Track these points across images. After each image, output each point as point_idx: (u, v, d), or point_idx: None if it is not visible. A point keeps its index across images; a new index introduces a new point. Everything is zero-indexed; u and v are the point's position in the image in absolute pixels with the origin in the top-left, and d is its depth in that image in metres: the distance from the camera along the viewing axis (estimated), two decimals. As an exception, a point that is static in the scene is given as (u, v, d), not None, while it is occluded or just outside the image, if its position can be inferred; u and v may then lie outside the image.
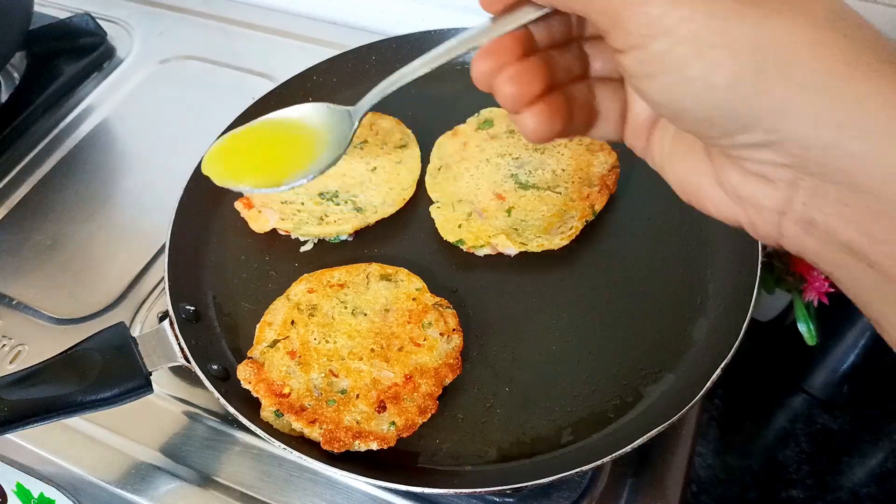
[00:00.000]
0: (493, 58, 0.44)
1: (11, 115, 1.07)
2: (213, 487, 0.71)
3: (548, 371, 0.72)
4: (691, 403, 0.63)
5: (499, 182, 0.84)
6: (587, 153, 0.86)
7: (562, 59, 0.46)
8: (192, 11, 1.26)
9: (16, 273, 0.90)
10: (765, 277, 0.77)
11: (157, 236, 0.90)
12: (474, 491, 0.64)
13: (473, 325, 0.75)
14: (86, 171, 1.01)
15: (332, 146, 0.62)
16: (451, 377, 0.70)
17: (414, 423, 0.66)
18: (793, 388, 0.94)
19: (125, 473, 0.72)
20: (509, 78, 0.44)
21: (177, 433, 0.75)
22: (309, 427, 0.66)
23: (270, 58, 1.14)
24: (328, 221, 0.82)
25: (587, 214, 0.81)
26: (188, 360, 0.68)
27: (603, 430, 0.67)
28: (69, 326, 0.84)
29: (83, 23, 1.18)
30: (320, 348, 0.71)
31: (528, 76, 0.44)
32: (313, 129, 0.63)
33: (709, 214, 0.46)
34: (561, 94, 0.45)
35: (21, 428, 0.63)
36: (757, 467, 0.89)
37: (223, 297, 0.79)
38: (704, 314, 0.74)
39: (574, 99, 0.46)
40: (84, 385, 0.64)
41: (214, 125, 0.89)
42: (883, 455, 0.89)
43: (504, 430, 0.68)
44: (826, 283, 0.82)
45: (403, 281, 0.76)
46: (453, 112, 0.93)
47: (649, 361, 0.71)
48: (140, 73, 1.15)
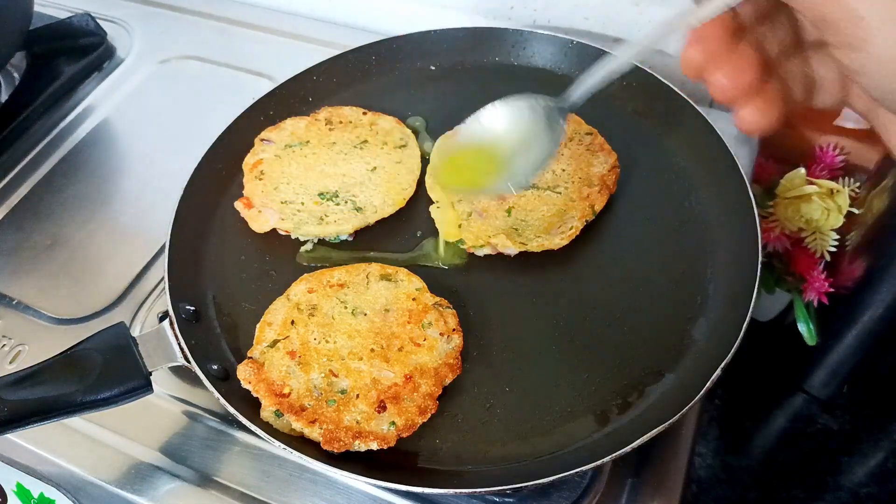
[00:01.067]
0: (703, 46, 0.43)
1: (11, 115, 1.07)
2: (213, 487, 0.71)
3: (548, 371, 0.72)
4: (691, 403, 0.63)
5: (499, 182, 0.84)
6: (587, 153, 0.86)
7: (772, 33, 0.44)
8: (192, 11, 1.26)
9: (16, 273, 0.90)
10: (765, 277, 0.77)
11: (157, 236, 0.90)
12: (474, 491, 0.64)
13: (473, 325, 0.75)
14: (86, 171, 1.01)
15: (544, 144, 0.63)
16: (451, 377, 0.70)
17: (414, 423, 0.66)
18: (793, 388, 0.93)
19: (125, 473, 0.72)
20: (722, 72, 0.42)
21: (177, 433, 0.75)
22: (309, 427, 0.66)
23: (270, 58, 1.14)
24: (328, 221, 0.82)
25: (587, 214, 0.81)
26: (188, 360, 0.68)
27: (603, 430, 0.67)
28: (69, 326, 0.84)
29: (83, 23, 1.18)
30: (320, 348, 0.71)
31: (740, 67, 0.42)
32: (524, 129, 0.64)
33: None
34: (776, 79, 0.44)
35: (21, 428, 0.63)
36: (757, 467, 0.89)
37: (223, 297, 0.79)
38: (704, 314, 0.74)
39: (790, 75, 0.45)
40: (84, 385, 0.64)
41: (214, 125, 0.89)
42: (883, 455, 0.89)
43: (504, 430, 0.68)
44: (826, 283, 0.82)
45: (403, 281, 0.76)
46: (454, 112, 0.93)
47: (649, 361, 0.71)
48: (140, 73, 1.15)
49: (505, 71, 1.00)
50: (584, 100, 0.58)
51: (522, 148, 0.64)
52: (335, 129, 0.92)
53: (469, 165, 0.67)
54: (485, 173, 0.66)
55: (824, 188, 0.85)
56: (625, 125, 0.90)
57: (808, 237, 0.86)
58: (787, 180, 0.88)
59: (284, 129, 0.92)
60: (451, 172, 0.69)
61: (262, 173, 0.87)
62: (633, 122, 0.91)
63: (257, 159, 0.89)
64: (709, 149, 0.83)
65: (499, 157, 0.65)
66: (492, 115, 0.64)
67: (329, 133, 0.91)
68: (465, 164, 0.67)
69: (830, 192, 0.85)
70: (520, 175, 0.65)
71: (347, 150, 0.90)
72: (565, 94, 0.59)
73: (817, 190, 0.85)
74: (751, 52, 0.43)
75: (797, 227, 0.87)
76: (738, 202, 0.78)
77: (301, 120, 0.93)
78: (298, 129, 0.92)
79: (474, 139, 0.65)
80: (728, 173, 0.80)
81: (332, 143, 0.90)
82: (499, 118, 0.64)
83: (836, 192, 0.84)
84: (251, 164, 0.88)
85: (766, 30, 0.44)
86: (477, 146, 0.65)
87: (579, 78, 0.56)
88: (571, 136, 0.88)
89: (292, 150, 0.89)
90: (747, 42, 0.43)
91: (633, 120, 0.91)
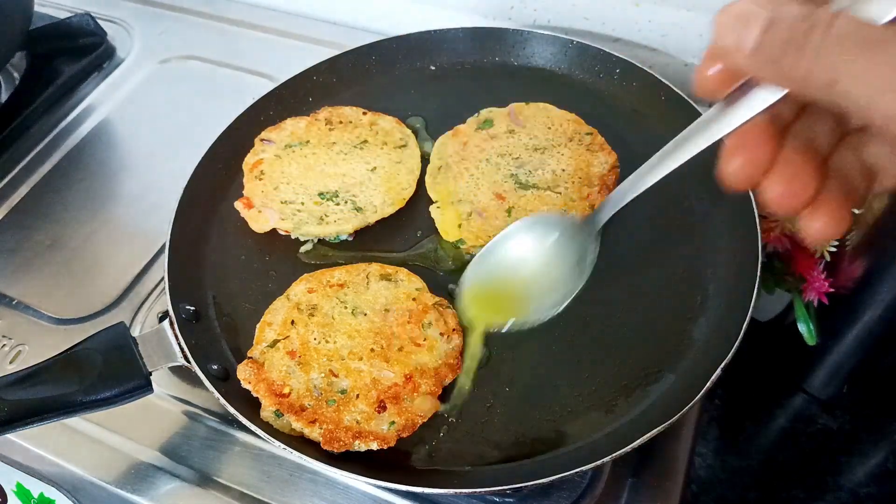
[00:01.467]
0: (743, 154, 0.38)
1: (11, 115, 1.07)
2: (213, 487, 0.71)
3: (548, 371, 0.72)
4: (691, 403, 0.63)
5: (499, 182, 0.84)
6: (587, 153, 0.86)
7: (818, 124, 0.40)
8: (192, 11, 1.25)
9: (16, 273, 0.90)
10: (765, 277, 0.77)
11: (157, 236, 0.90)
12: (474, 491, 0.64)
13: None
14: (86, 172, 1.01)
15: (577, 266, 0.62)
16: (451, 377, 0.70)
17: (414, 423, 0.66)
18: (793, 388, 0.93)
19: (125, 473, 0.72)
20: (778, 184, 0.37)
21: (177, 433, 0.75)
22: (309, 427, 0.66)
23: (270, 58, 1.14)
24: (328, 221, 0.82)
25: (587, 214, 0.81)
26: (188, 360, 0.68)
27: (603, 430, 0.67)
28: (69, 326, 0.84)
29: (83, 23, 1.18)
30: (320, 348, 0.71)
31: (796, 174, 0.37)
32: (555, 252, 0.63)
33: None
34: (835, 176, 0.39)
35: (21, 428, 0.63)
36: (757, 467, 0.89)
37: (223, 297, 0.79)
38: (704, 314, 0.74)
39: (847, 167, 0.40)
40: (84, 385, 0.64)
41: (214, 125, 0.89)
42: (883, 455, 0.89)
43: (504, 430, 0.68)
44: (826, 283, 0.82)
45: (403, 281, 0.76)
46: (454, 112, 0.93)
47: (649, 361, 0.71)
48: (140, 73, 1.15)
49: (505, 71, 1.00)
50: (607, 218, 0.59)
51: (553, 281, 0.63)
52: (335, 129, 0.92)
53: (499, 297, 0.67)
54: (515, 305, 0.65)
55: (824, 188, 0.85)
56: (625, 125, 0.90)
57: (808, 237, 0.86)
58: (787, 180, 0.88)
59: (284, 129, 0.92)
60: (481, 307, 0.69)
61: (262, 173, 0.87)
62: (633, 122, 0.91)
63: (257, 159, 0.89)
64: (709, 149, 0.83)
65: (530, 291, 0.65)
66: (521, 244, 0.64)
67: (329, 133, 0.91)
68: (494, 297, 0.67)
69: (830, 192, 0.85)
70: (550, 305, 0.64)
71: (347, 150, 0.90)
72: (596, 216, 0.59)
73: (817, 190, 0.85)
74: (801, 154, 0.38)
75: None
76: (738, 202, 0.78)
77: (301, 120, 0.93)
78: (298, 129, 0.92)
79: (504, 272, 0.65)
80: (728, 173, 0.80)
81: (332, 143, 0.90)
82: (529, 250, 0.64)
83: (836, 192, 0.84)
84: (251, 164, 0.88)
85: (812, 121, 0.40)
86: (506, 280, 0.65)
87: (608, 199, 0.56)
88: (571, 136, 0.88)
89: (292, 150, 0.89)
90: (795, 143, 0.38)
91: (633, 120, 0.91)
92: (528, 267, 0.65)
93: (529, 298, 0.64)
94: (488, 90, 0.96)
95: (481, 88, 0.97)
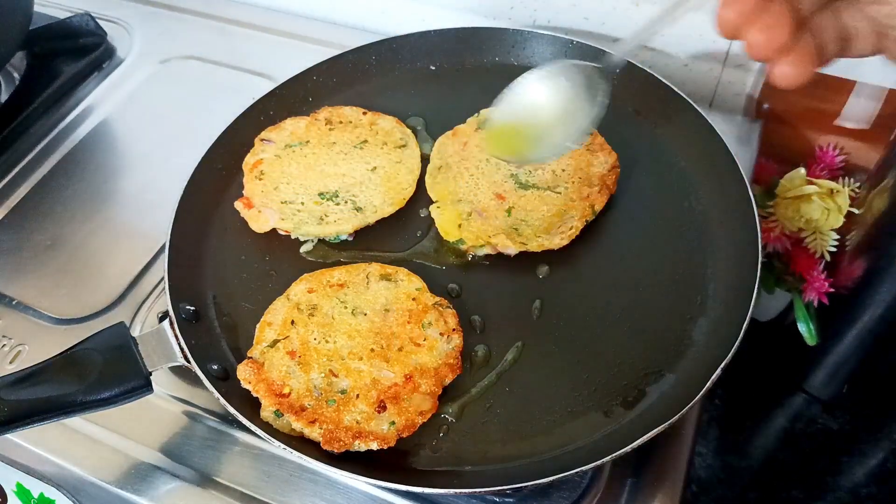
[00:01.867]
0: (736, 6, 0.44)
1: (11, 115, 1.07)
2: (213, 487, 0.71)
3: (548, 371, 0.72)
4: (691, 403, 0.63)
5: (499, 182, 0.84)
6: (587, 153, 0.86)
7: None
8: (192, 11, 1.25)
9: (16, 273, 0.90)
10: (765, 277, 0.77)
11: (157, 236, 0.90)
12: (474, 491, 0.64)
13: (473, 326, 0.75)
14: (86, 171, 1.01)
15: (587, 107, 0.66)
16: (451, 377, 0.70)
17: (414, 423, 0.66)
18: (793, 388, 0.93)
19: (125, 473, 0.72)
20: (757, 30, 0.44)
21: (177, 433, 0.75)
22: (309, 427, 0.66)
23: (270, 58, 1.14)
24: (328, 221, 0.82)
25: (587, 214, 0.81)
26: (188, 360, 0.68)
27: (603, 430, 0.67)
28: (69, 326, 0.84)
29: (83, 23, 1.18)
30: (320, 348, 0.71)
31: (774, 24, 0.44)
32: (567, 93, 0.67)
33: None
34: (809, 34, 0.45)
35: (21, 428, 0.63)
36: (757, 467, 0.89)
37: (223, 297, 0.79)
38: (704, 314, 0.74)
39: (822, 29, 0.46)
40: (84, 385, 0.64)
41: (214, 125, 0.89)
42: (883, 455, 0.89)
43: (504, 430, 0.68)
44: (826, 283, 0.82)
45: (403, 281, 0.76)
46: (454, 112, 0.93)
47: (649, 361, 0.71)
48: (140, 73, 1.15)
49: (505, 71, 0.99)
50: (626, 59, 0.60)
51: (565, 116, 0.67)
52: (335, 129, 0.92)
53: (514, 136, 0.70)
54: (531, 142, 0.69)
55: (824, 188, 0.85)
56: (625, 125, 0.90)
57: (808, 237, 0.86)
58: (787, 180, 0.88)
59: (284, 129, 0.92)
60: (498, 144, 0.73)
61: (262, 173, 0.87)
62: (633, 122, 0.91)
63: (257, 159, 0.89)
64: (709, 149, 0.83)
65: (543, 127, 0.68)
66: (530, 88, 0.68)
67: (329, 133, 0.91)
68: (510, 136, 0.71)
69: (830, 192, 0.85)
70: (565, 141, 0.68)
71: (347, 150, 0.90)
72: (606, 56, 0.62)
73: (817, 190, 0.85)
74: (784, 10, 0.44)
75: (797, 227, 0.86)
76: (738, 202, 0.78)
77: (301, 120, 0.93)
78: (298, 129, 0.92)
79: (515, 113, 0.69)
80: (728, 173, 0.80)
81: (332, 143, 0.90)
82: (538, 92, 0.68)
83: (836, 192, 0.84)
84: (251, 164, 0.88)
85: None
86: (519, 119, 0.69)
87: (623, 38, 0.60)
88: (571, 135, 0.88)
89: (292, 150, 0.89)
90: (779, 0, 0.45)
91: (633, 120, 0.91)
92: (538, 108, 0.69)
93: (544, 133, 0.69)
94: (488, 90, 0.96)
95: (481, 88, 0.97)
